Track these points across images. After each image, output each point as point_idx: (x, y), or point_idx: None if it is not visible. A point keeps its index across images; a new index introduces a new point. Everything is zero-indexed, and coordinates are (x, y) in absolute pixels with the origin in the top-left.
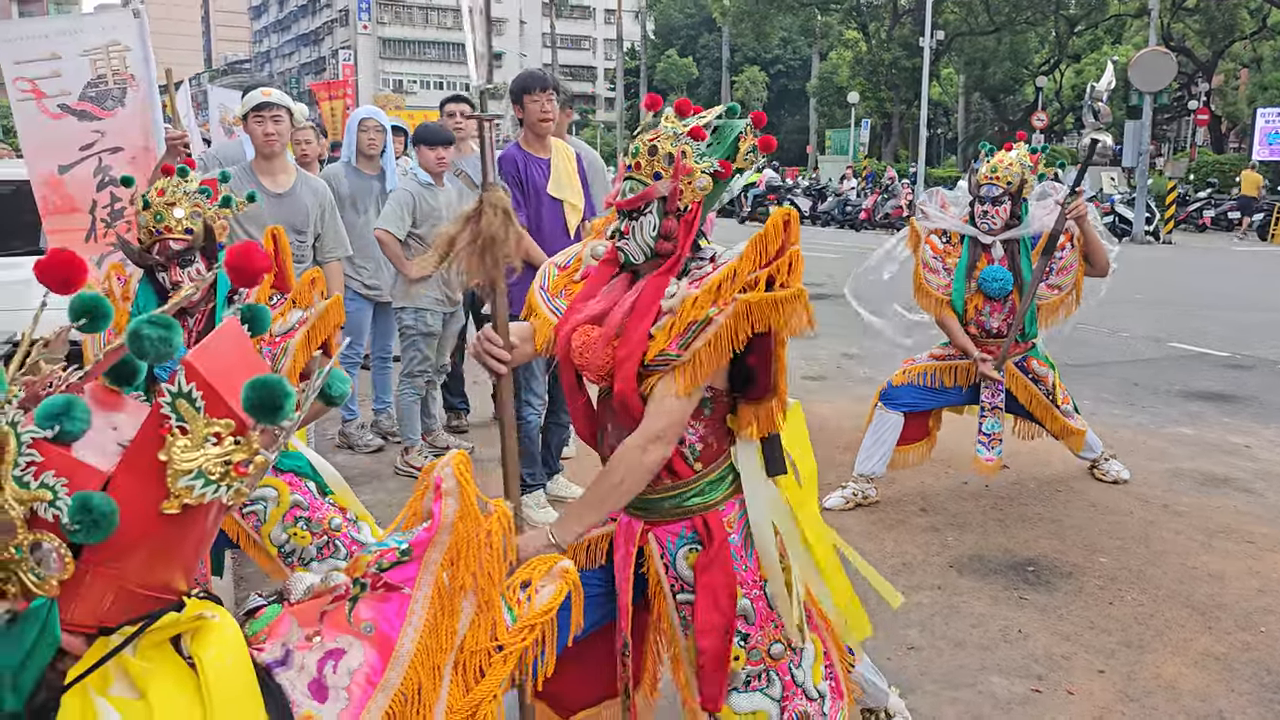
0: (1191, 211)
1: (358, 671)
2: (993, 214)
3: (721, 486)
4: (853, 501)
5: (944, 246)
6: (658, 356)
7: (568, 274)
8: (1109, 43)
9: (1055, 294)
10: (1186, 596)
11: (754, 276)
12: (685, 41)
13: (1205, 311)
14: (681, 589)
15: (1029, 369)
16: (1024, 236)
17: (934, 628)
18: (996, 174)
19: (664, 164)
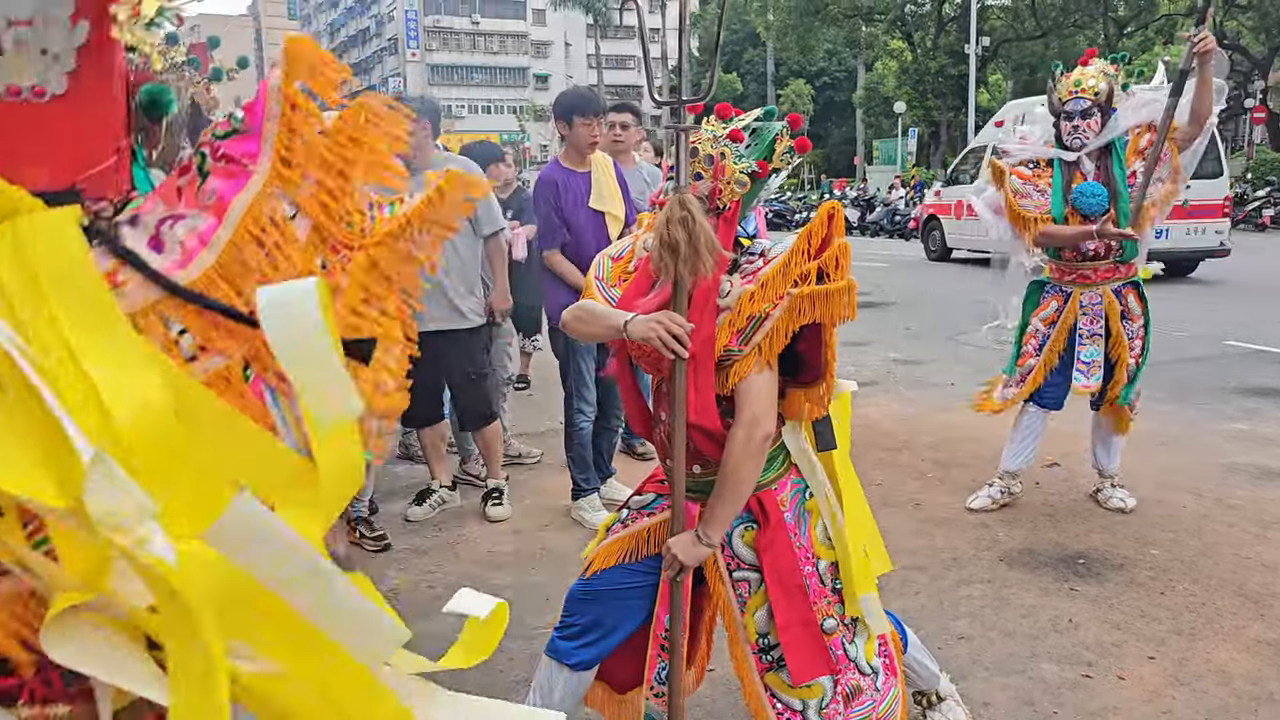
0: (1250, 211)
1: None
2: (1083, 128)
3: (774, 466)
4: (998, 502)
5: (1032, 173)
6: (722, 352)
7: (622, 264)
8: (1160, 43)
9: (1159, 188)
10: (1239, 586)
11: (805, 269)
12: (730, 57)
13: (1264, 308)
14: (738, 567)
15: (1124, 299)
16: (1116, 144)
17: (984, 618)
18: (1081, 87)
19: (704, 165)
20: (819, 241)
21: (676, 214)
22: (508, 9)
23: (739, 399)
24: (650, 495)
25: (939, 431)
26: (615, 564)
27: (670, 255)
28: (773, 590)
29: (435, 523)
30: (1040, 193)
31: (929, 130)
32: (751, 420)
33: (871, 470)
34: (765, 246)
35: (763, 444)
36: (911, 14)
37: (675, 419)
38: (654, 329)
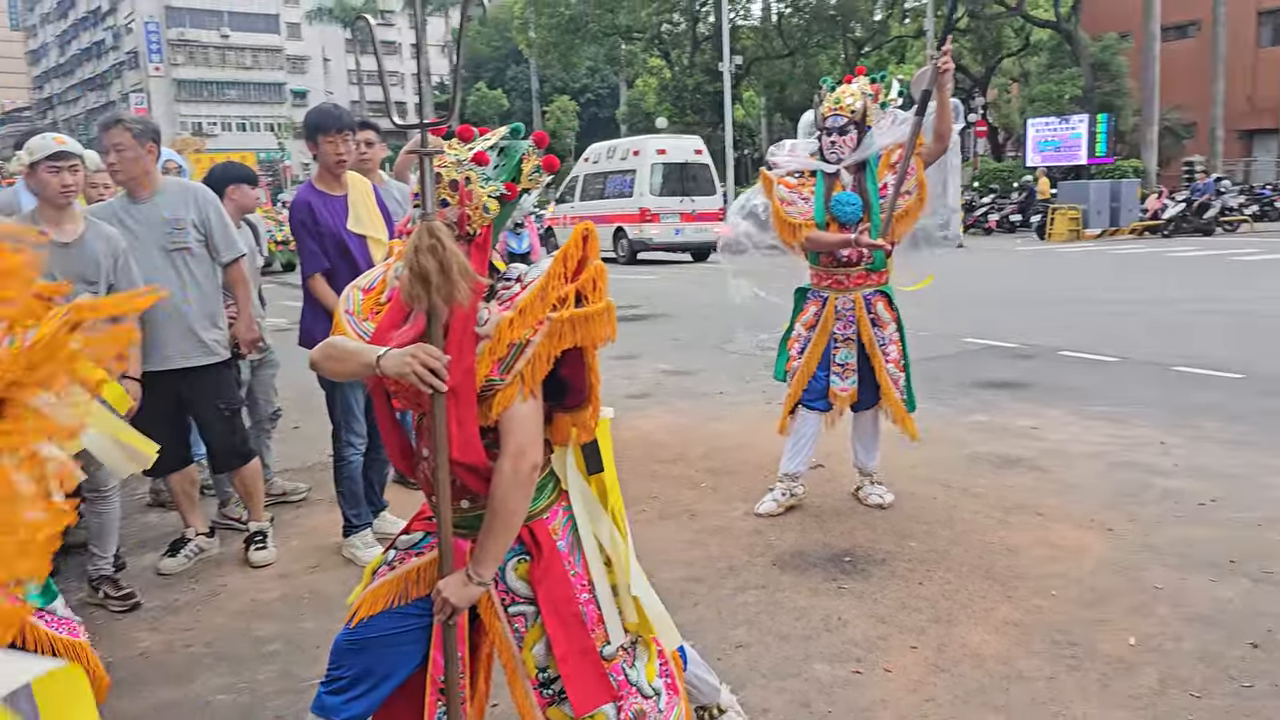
0: (979, 216)
1: None
2: (839, 144)
3: (544, 495)
4: (783, 504)
5: (797, 182)
6: (484, 383)
7: (373, 296)
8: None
9: (906, 200)
10: (987, 570)
11: (562, 293)
12: (494, 74)
13: (994, 307)
14: (513, 601)
15: (873, 308)
16: (870, 160)
17: (760, 624)
18: (840, 104)
19: (449, 190)
20: (575, 264)
21: (425, 242)
22: (259, 23)
23: (503, 430)
24: (418, 534)
25: (711, 440)
26: (383, 609)
27: (422, 286)
28: (549, 621)
29: (191, 574)
30: (804, 200)
31: None
32: (518, 451)
33: (647, 484)
34: (521, 271)
35: (531, 474)
36: (668, 33)
37: (438, 455)
38: (409, 364)
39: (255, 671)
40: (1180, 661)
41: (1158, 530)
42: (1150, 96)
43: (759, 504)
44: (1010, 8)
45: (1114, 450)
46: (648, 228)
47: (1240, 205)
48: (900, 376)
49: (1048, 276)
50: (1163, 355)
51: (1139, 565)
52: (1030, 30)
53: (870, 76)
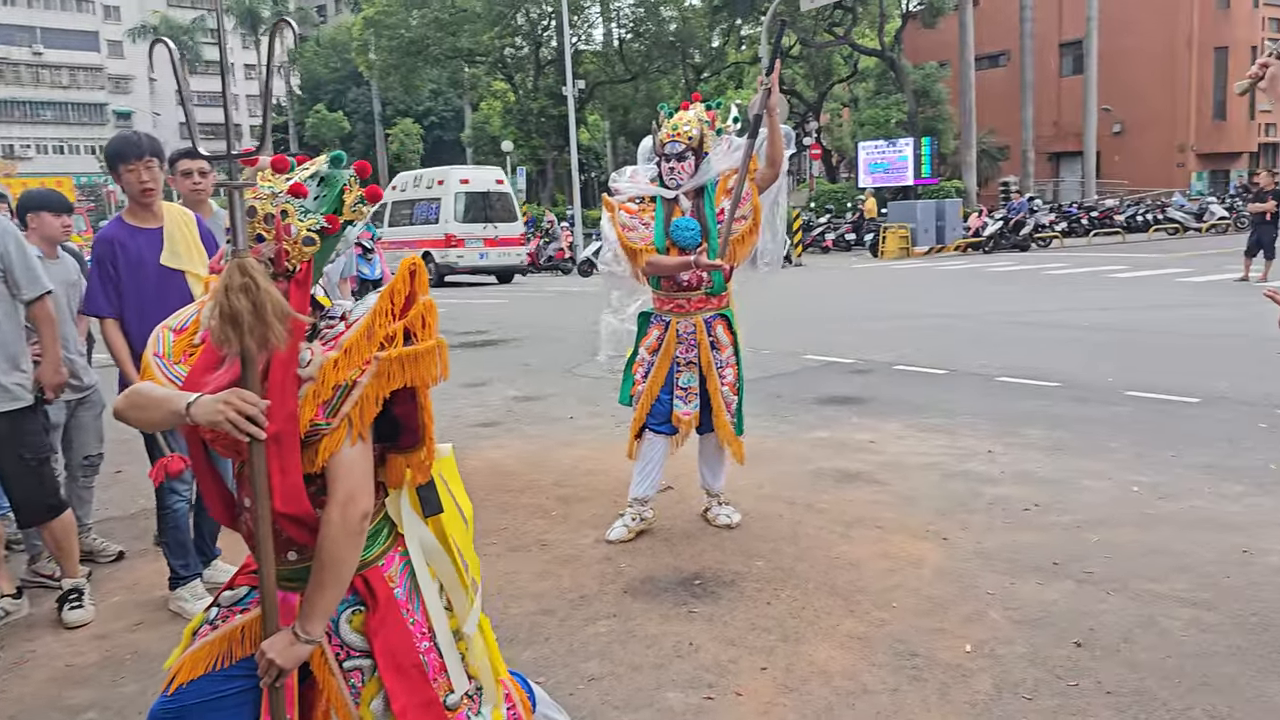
0: (816, 236)
1: None
2: (678, 170)
3: (379, 541)
4: (634, 530)
5: (638, 207)
6: (309, 428)
7: (186, 337)
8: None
9: (742, 225)
10: (831, 586)
11: (390, 331)
12: (334, 96)
13: (832, 324)
14: (348, 656)
15: (713, 330)
16: (708, 186)
17: (612, 655)
18: (678, 131)
19: (264, 225)
20: (402, 300)
21: (236, 281)
22: (75, 40)
23: (331, 476)
24: (243, 589)
25: (561, 467)
26: (205, 672)
27: (233, 328)
28: (387, 675)
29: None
30: (645, 225)
31: (537, 168)
32: (346, 498)
33: (496, 515)
34: (346, 309)
35: (361, 523)
36: (511, 57)
37: (259, 506)
38: (222, 410)
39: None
40: (1013, 665)
41: (988, 537)
42: (968, 121)
43: (609, 530)
44: (839, 37)
45: (946, 461)
46: (453, 252)
47: (1051, 223)
48: (734, 400)
49: (882, 293)
50: (987, 366)
51: (972, 572)
52: (858, 58)
53: (706, 103)
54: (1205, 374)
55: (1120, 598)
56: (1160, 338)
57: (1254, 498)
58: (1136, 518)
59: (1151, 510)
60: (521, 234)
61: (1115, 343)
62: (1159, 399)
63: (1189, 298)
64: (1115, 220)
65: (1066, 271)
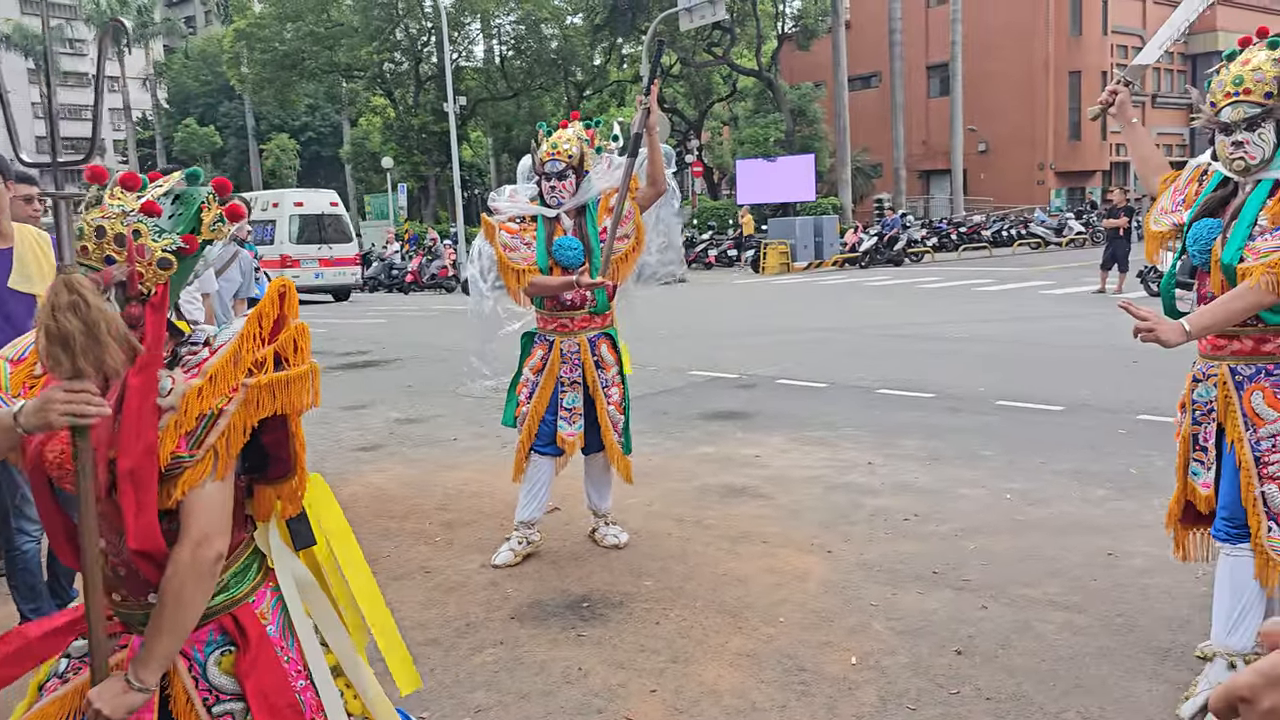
0: (699, 252)
1: None
2: (559, 189)
3: (248, 577)
4: (520, 554)
5: (519, 227)
6: (171, 460)
7: (25, 368)
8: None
9: (624, 244)
10: (720, 603)
11: (259, 357)
12: (204, 110)
13: (716, 339)
14: (218, 700)
15: (598, 350)
16: (589, 204)
17: (499, 684)
18: (558, 150)
19: (114, 246)
20: (271, 323)
21: (64, 299)
22: None
23: (186, 513)
24: None
25: (445, 491)
26: None
27: (63, 350)
28: (259, 717)
29: None
30: (527, 245)
31: (419, 185)
32: (200, 538)
33: (378, 542)
34: (210, 334)
35: (214, 565)
36: (390, 72)
37: (83, 538)
38: (52, 409)
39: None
40: (896, 676)
41: (870, 548)
42: (842, 140)
43: (495, 555)
44: (718, 57)
45: (829, 473)
46: (288, 272)
47: (923, 238)
48: (620, 419)
49: (764, 308)
50: (866, 379)
51: (855, 584)
52: (737, 78)
53: (585, 122)
54: (1069, 383)
55: (997, 604)
56: (1026, 349)
57: (1116, 501)
58: (1010, 524)
59: (1023, 516)
60: (357, 254)
61: (985, 354)
62: (1027, 408)
63: (1052, 309)
64: (982, 235)
65: (938, 285)
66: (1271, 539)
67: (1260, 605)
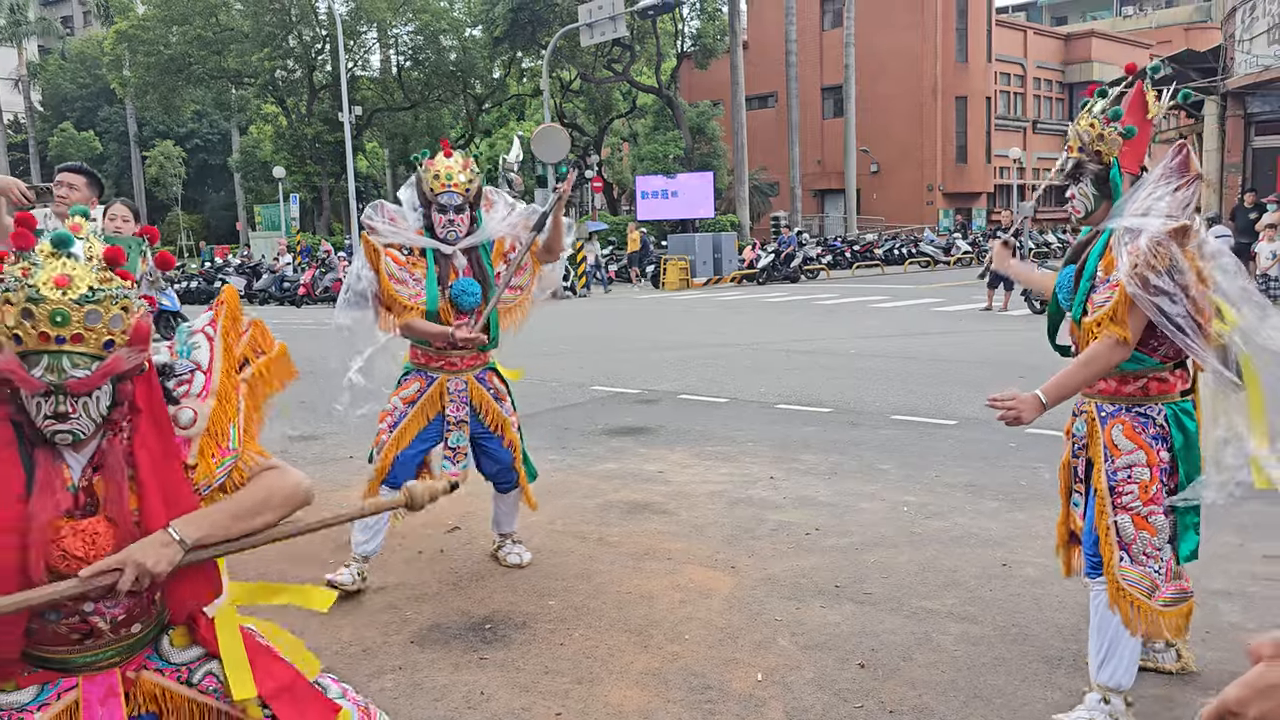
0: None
1: None
2: (458, 222)
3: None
4: (357, 583)
5: (406, 258)
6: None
7: None
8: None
9: (516, 295)
10: (625, 622)
11: (239, 355)
12: (82, 113)
13: (618, 354)
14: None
15: (490, 383)
16: (484, 244)
17: (399, 711)
18: (454, 181)
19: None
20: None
21: None
22: None
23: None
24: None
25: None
26: None
27: None
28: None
29: None
30: (416, 281)
31: (312, 196)
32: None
33: (274, 563)
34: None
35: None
36: (283, 80)
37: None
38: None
39: None
40: (802, 692)
41: (774, 563)
42: (740, 158)
43: (338, 574)
44: (618, 73)
45: (731, 488)
46: None
47: (818, 255)
48: (519, 445)
49: (665, 323)
50: (766, 394)
51: (760, 599)
52: (636, 95)
53: (465, 152)
54: (961, 397)
55: (898, 616)
56: (920, 364)
57: (1009, 513)
58: (908, 537)
59: (920, 529)
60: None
61: (881, 369)
62: (922, 422)
63: (943, 325)
64: (875, 254)
65: (835, 301)
66: (1123, 568)
67: (1127, 638)
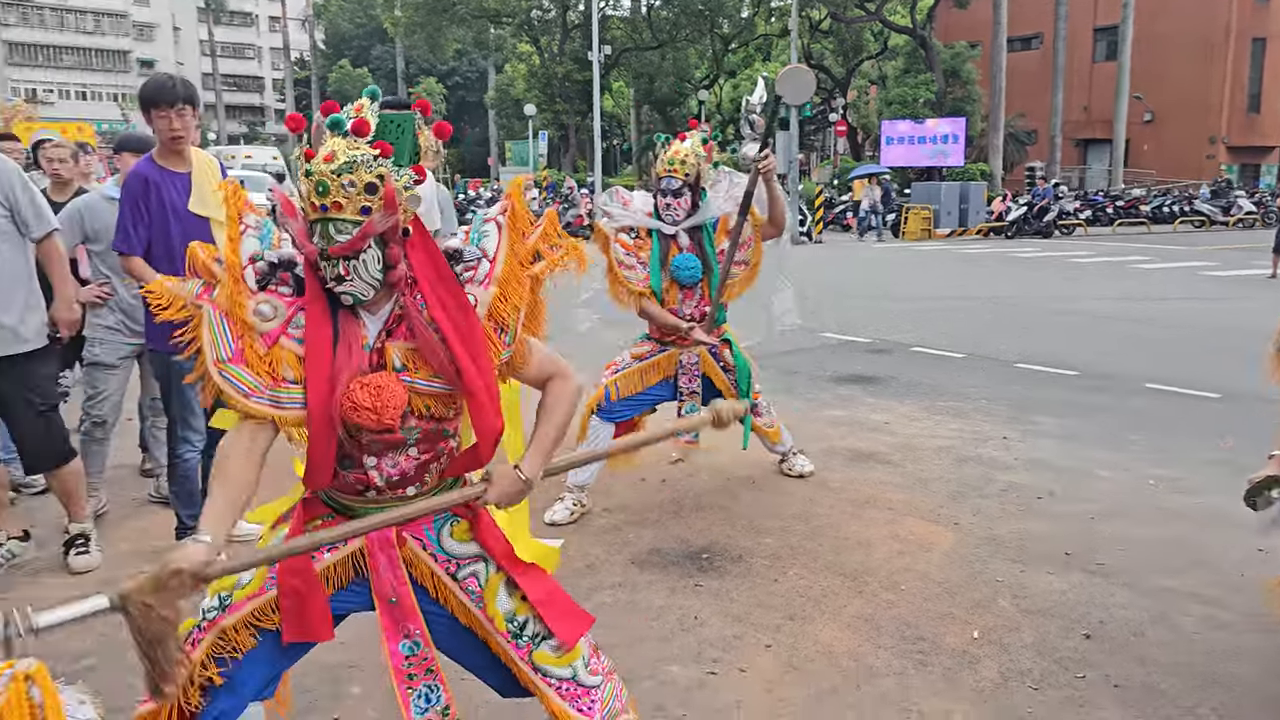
0: (837, 214)
1: None
2: (675, 205)
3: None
4: (576, 513)
5: (634, 242)
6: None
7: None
8: (760, 60)
9: (741, 269)
10: (840, 565)
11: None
12: (358, 52)
13: (851, 302)
14: (459, 566)
15: (720, 357)
16: (706, 223)
17: (616, 625)
18: (674, 166)
19: (367, 195)
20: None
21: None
22: None
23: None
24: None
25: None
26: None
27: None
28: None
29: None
30: (642, 264)
31: (559, 133)
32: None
33: None
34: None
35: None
36: (538, 19)
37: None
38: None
39: None
40: (1020, 654)
41: (1000, 524)
42: (997, 104)
43: (549, 511)
44: (870, 12)
45: (960, 445)
46: None
47: (1075, 210)
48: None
49: (901, 273)
50: (1005, 352)
51: (982, 559)
52: (888, 35)
53: (703, 136)
54: (1228, 370)
55: (1132, 592)
56: (1183, 331)
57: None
58: (1152, 511)
59: (1168, 504)
60: None
61: (1137, 334)
62: (1180, 393)
63: (1214, 291)
64: (1141, 210)
65: (1090, 260)
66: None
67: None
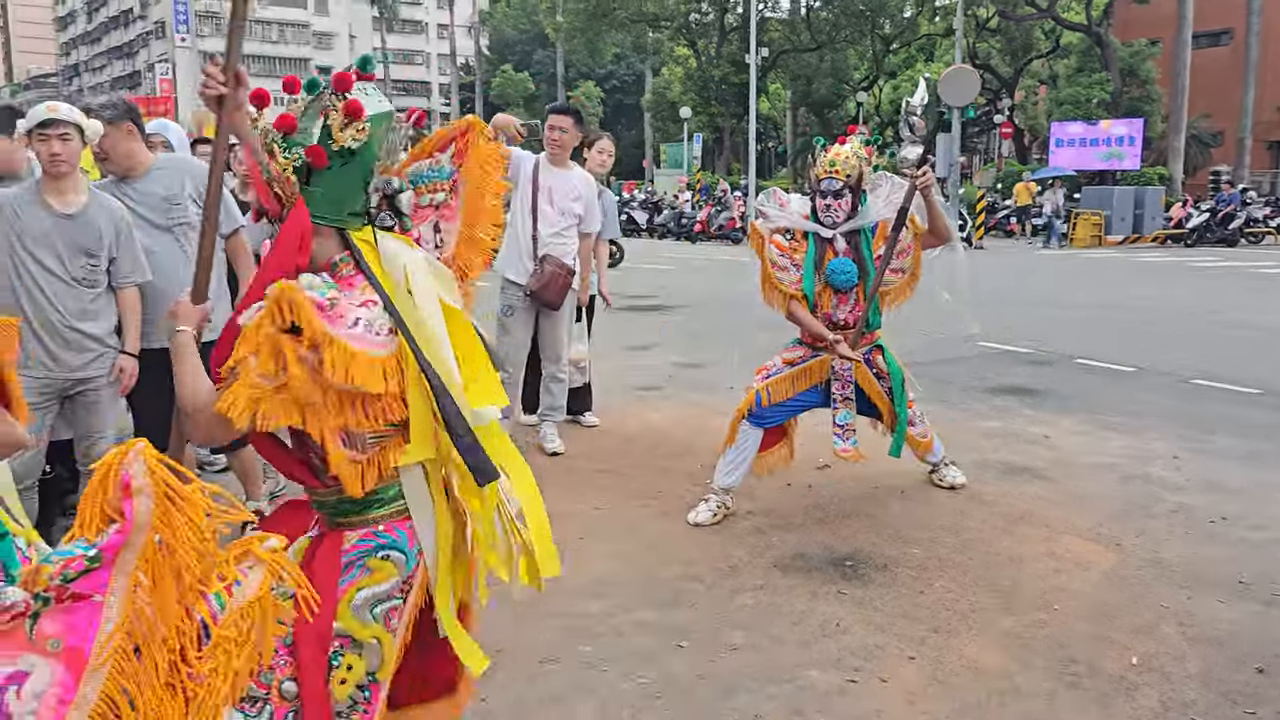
0: (1000, 219)
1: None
2: (835, 207)
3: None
4: (720, 514)
5: (789, 244)
6: None
7: None
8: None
9: (898, 277)
10: (990, 581)
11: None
12: (520, 57)
13: (1011, 310)
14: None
15: (874, 364)
16: (865, 227)
17: (757, 627)
18: (835, 167)
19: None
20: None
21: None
22: None
23: None
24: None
25: (718, 436)
26: None
27: None
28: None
29: None
30: (796, 267)
31: (713, 136)
32: None
33: (654, 478)
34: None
35: None
36: (695, 22)
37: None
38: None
39: None
40: (1183, 684)
41: (1166, 546)
42: (1179, 104)
43: (694, 512)
44: (1041, 9)
45: (1125, 462)
46: None
47: (1265, 217)
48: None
49: (1067, 281)
50: (1180, 367)
51: (1145, 582)
52: (1060, 33)
53: (864, 139)
54: None
55: None
56: None
57: None
58: None
59: None
60: None
61: None
62: None
63: None
64: None
65: (1277, 270)
66: None
67: None
